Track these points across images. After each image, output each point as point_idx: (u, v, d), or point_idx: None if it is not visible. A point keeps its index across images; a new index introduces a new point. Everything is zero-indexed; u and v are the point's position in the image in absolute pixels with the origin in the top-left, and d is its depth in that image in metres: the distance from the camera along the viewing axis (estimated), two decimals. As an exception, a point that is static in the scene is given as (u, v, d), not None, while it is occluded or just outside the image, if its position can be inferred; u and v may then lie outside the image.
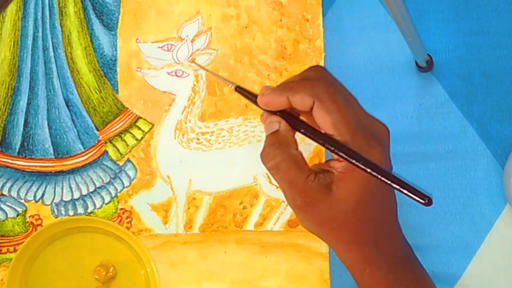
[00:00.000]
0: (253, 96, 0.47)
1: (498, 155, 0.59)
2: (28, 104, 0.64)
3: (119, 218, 0.63)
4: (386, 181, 0.41)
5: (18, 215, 0.63)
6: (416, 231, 0.59)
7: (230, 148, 0.62)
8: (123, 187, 0.63)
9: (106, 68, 0.64)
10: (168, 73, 0.63)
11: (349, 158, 0.42)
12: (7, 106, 0.64)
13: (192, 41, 0.63)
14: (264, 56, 0.62)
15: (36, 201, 0.63)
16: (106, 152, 0.63)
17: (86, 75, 0.64)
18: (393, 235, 0.46)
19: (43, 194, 0.64)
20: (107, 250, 0.62)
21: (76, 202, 0.63)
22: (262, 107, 0.46)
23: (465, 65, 0.60)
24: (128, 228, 0.62)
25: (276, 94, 0.44)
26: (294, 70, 0.62)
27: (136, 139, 0.63)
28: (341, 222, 0.44)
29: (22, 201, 0.64)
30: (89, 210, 0.63)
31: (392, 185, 0.41)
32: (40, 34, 0.65)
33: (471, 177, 0.59)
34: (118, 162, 0.63)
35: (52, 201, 0.63)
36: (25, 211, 0.63)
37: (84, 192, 0.63)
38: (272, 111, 0.46)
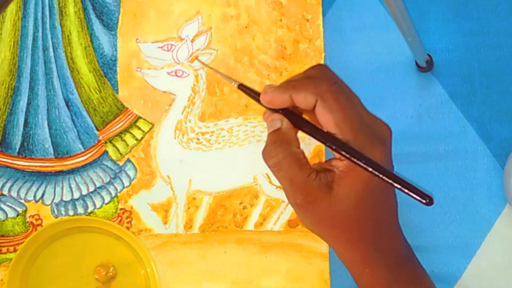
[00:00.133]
0: (256, 94, 0.47)
1: (498, 155, 0.59)
2: (28, 104, 0.64)
3: (119, 218, 0.62)
4: (388, 181, 0.41)
5: (18, 215, 0.63)
6: (416, 231, 0.59)
7: (230, 148, 0.62)
8: (123, 187, 0.63)
9: (106, 68, 0.64)
10: (168, 73, 0.63)
11: (351, 157, 0.42)
12: (7, 106, 0.64)
13: (192, 41, 0.63)
14: (264, 56, 0.62)
15: (36, 201, 0.63)
16: (106, 152, 0.63)
17: (86, 75, 0.64)
18: (393, 235, 0.46)
19: (43, 194, 0.63)
20: (107, 250, 0.62)
21: (76, 202, 0.63)
22: (265, 105, 0.46)
23: (465, 65, 0.60)
24: (128, 228, 0.62)
25: (279, 92, 0.44)
26: (294, 70, 0.62)
27: (136, 139, 0.63)
28: (342, 221, 0.44)
29: (22, 201, 0.63)
30: (89, 210, 0.63)
31: (394, 185, 0.41)
32: (40, 34, 0.65)
33: (471, 177, 0.59)
34: (118, 162, 0.63)
35: (52, 201, 0.63)
36: (25, 211, 0.63)
37: (84, 192, 0.63)
38: (275, 109, 0.46)
